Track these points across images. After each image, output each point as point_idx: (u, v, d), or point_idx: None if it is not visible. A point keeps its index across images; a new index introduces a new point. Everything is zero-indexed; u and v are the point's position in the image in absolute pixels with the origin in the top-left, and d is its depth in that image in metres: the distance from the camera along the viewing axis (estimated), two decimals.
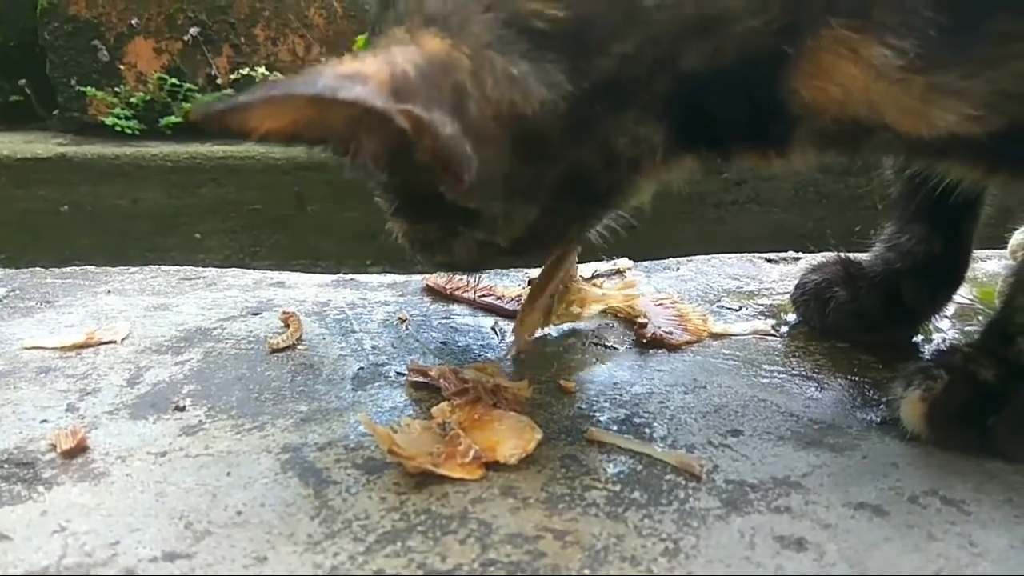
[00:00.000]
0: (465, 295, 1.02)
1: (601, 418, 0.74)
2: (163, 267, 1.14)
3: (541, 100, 0.59)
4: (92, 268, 1.13)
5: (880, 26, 0.56)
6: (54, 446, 0.68)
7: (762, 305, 1.03)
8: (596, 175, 0.66)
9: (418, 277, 1.09)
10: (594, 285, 0.97)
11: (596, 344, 0.90)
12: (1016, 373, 0.69)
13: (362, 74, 0.54)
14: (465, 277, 1.00)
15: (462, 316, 0.98)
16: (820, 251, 1.12)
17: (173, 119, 1.95)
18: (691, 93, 0.61)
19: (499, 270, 1.10)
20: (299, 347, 0.88)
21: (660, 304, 0.98)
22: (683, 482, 0.65)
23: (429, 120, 0.55)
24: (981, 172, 0.68)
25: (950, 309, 0.96)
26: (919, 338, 0.93)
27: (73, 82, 1.98)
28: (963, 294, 0.98)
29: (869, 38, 0.57)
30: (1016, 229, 1.12)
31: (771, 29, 0.58)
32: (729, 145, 0.67)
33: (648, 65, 0.60)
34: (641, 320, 0.92)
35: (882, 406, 0.77)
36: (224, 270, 1.14)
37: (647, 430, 0.73)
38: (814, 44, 0.58)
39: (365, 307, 1.00)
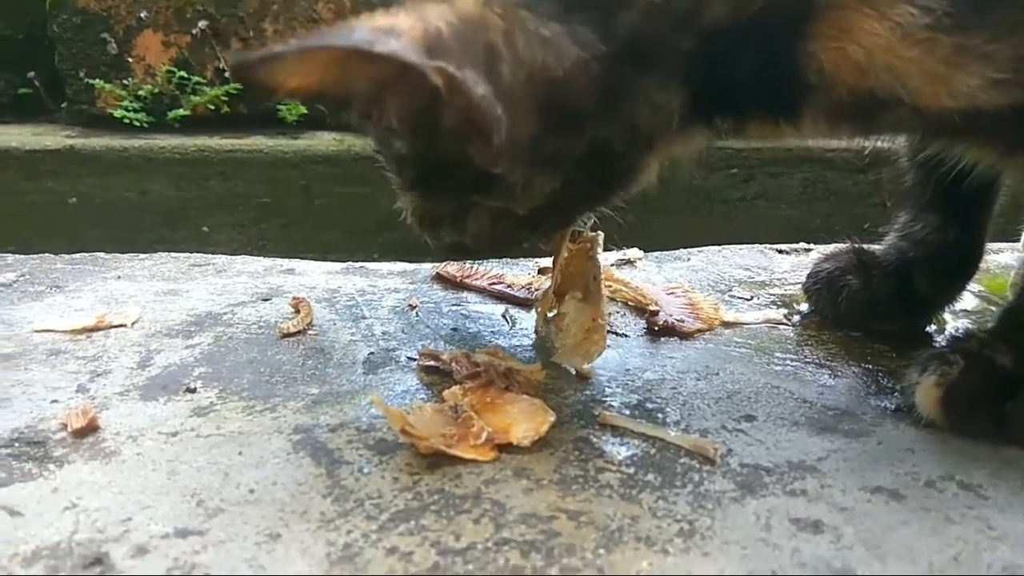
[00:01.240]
0: (476, 283, 1.01)
1: (614, 403, 0.74)
2: (173, 254, 1.14)
3: (573, 61, 0.59)
4: (102, 254, 1.13)
5: None
6: (65, 425, 0.68)
7: (774, 295, 1.02)
8: (617, 154, 0.65)
9: (428, 265, 1.09)
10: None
11: (607, 332, 0.90)
12: None
13: (396, 29, 0.54)
14: (475, 264, 1.00)
15: (473, 303, 0.98)
16: (833, 243, 1.12)
17: (181, 112, 1.95)
18: (713, 52, 0.60)
19: (509, 259, 1.10)
20: (310, 332, 0.88)
21: (671, 293, 0.97)
22: (697, 465, 0.64)
23: (462, 79, 0.54)
24: (997, 154, 0.68)
25: (964, 299, 0.95)
26: (932, 328, 0.92)
27: (82, 75, 1.98)
28: (975, 286, 0.98)
29: None
30: None
31: None
32: (743, 112, 0.66)
33: (673, 18, 0.60)
34: (653, 308, 0.92)
35: (897, 393, 0.76)
36: (234, 257, 1.13)
37: (660, 415, 0.72)
38: (837, 2, 0.57)
39: (375, 294, 1.00)
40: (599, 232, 0.85)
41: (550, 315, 0.86)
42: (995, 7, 0.56)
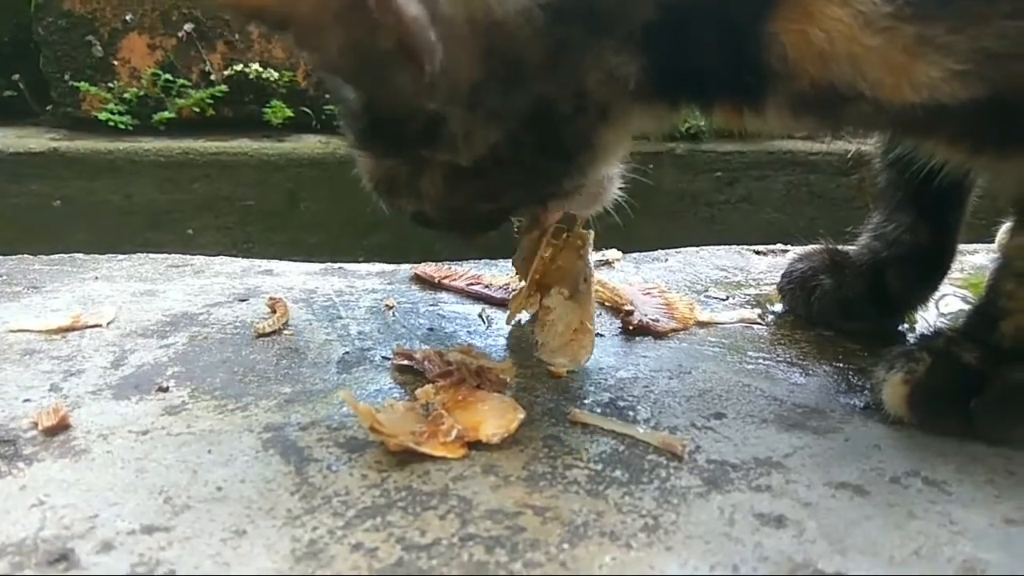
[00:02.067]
0: (453, 284, 1.02)
1: (585, 401, 0.74)
2: (151, 255, 1.15)
3: (516, 6, 0.59)
4: (80, 255, 1.13)
5: None
6: (36, 424, 0.68)
7: (749, 295, 1.03)
8: (564, 117, 0.65)
9: (406, 266, 1.09)
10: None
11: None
12: (998, 357, 0.69)
13: None
14: (453, 265, 1.00)
15: (449, 304, 0.98)
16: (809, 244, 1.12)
17: (167, 115, 1.95)
18: (674, 24, 0.60)
19: (488, 259, 1.10)
20: (285, 332, 0.88)
21: (647, 293, 0.98)
22: (665, 462, 0.65)
23: None
24: (966, 153, 0.68)
25: (936, 298, 0.96)
26: (905, 326, 0.93)
27: (67, 77, 1.98)
28: (949, 285, 0.99)
29: None
30: (1005, 223, 1.13)
31: None
32: (708, 95, 0.66)
33: None
34: (628, 308, 0.92)
35: (866, 391, 0.77)
36: (212, 258, 1.14)
37: (631, 413, 0.73)
38: None
39: (352, 294, 1.00)
40: (590, 230, 0.85)
41: (529, 311, 0.87)
42: (963, 2, 0.56)
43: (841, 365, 0.83)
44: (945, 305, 0.97)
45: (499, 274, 1.05)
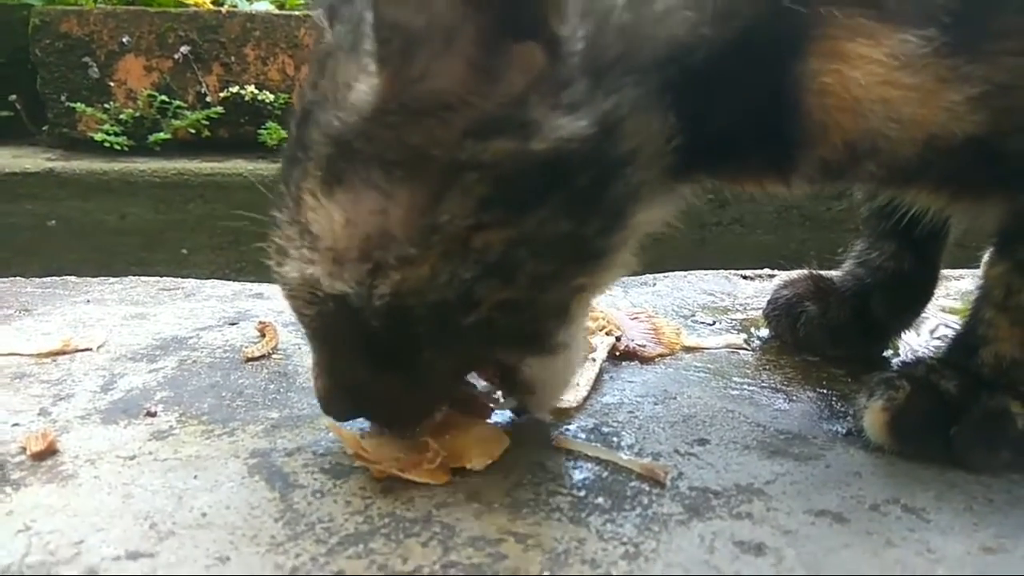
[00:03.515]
0: None
1: (570, 427, 0.75)
2: (143, 278, 1.15)
3: None
4: (72, 278, 1.13)
5: (896, 13, 0.59)
6: (24, 448, 0.68)
7: (735, 320, 1.04)
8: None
9: None
10: None
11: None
12: (977, 385, 0.70)
13: None
14: None
15: None
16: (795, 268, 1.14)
17: (162, 136, 1.97)
18: (700, 77, 0.60)
19: None
20: (274, 356, 0.89)
21: (635, 318, 0.98)
22: (647, 489, 0.65)
23: None
24: (945, 200, 0.71)
25: (921, 324, 0.97)
26: (889, 352, 0.94)
27: (63, 98, 2.00)
28: (935, 310, 1.00)
29: (887, 25, 0.59)
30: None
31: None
32: (732, 158, 0.66)
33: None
34: (615, 333, 0.93)
35: (849, 417, 0.77)
36: (203, 281, 1.15)
37: (615, 439, 0.73)
38: (827, 31, 0.59)
39: None
40: None
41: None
42: (979, 39, 0.59)
43: (825, 391, 0.84)
44: (930, 331, 0.98)
45: None
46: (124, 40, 2.00)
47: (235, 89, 2.03)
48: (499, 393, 0.75)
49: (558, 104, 0.56)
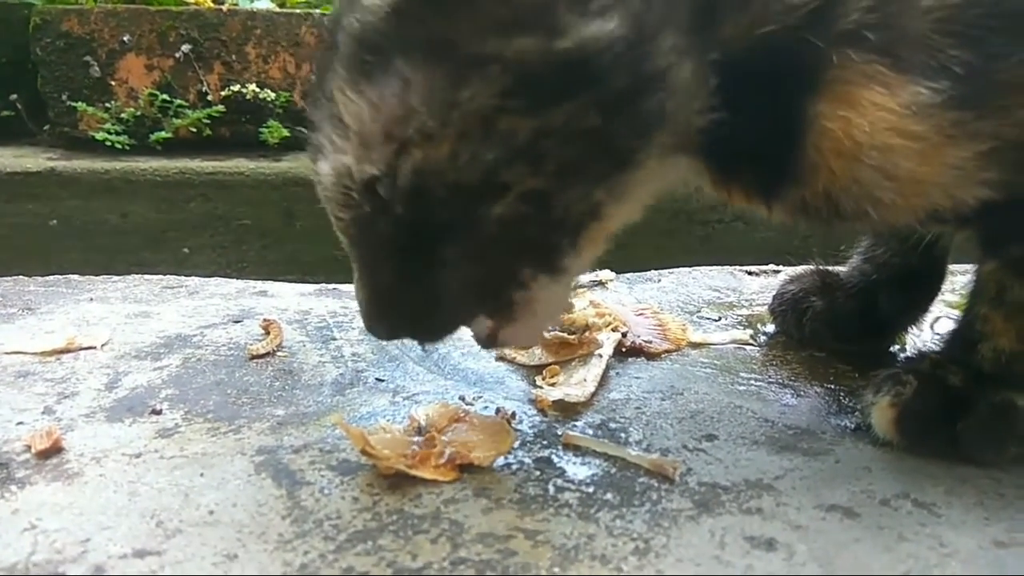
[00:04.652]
0: None
1: (577, 423, 0.75)
2: (146, 276, 1.15)
3: None
4: (75, 276, 1.13)
5: (911, 64, 0.58)
6: (29, 447, 0.68)
7: (741, 316, 1.03)
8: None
9: None
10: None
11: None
12: (980, 379, 0.70)
13: None
14: None
15: None
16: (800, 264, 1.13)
17: (163, 135, 1.97)
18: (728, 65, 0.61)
19: None
20: (279, 354, 0.89)
21: (641, 314, 0.98)
22: (656, 484, 0.65)
23: None
24: (951, 227, 0.72)
25: (929, 319, 0.96)
26: (896, 348, 0.94)
27: (64, 97, 1.99)
28: (942, 306, 0.99)
29: (902, 76, 0.58)
30: None
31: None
32: (735, 163, 0.66)
33: None
34: (621, 329, 0.93)
35: (857, 412, 0.77)
36: (207, 279, 1.14)
37: (623, 435, 0.73)
38: (843, 75, 0.59)
39: (346, 315, 1.00)
40: None
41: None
42: (987, 93, 0.59)
43: (832, 386, 0.84)
44: (939, 326, 0.98)
45: None
46: (125, 39, 2.00)
47: (236, 88, 2.03)
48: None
49: (585, 10, 0.56)
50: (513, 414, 0.75)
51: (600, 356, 0.85)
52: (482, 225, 0.60)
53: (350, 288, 1.10)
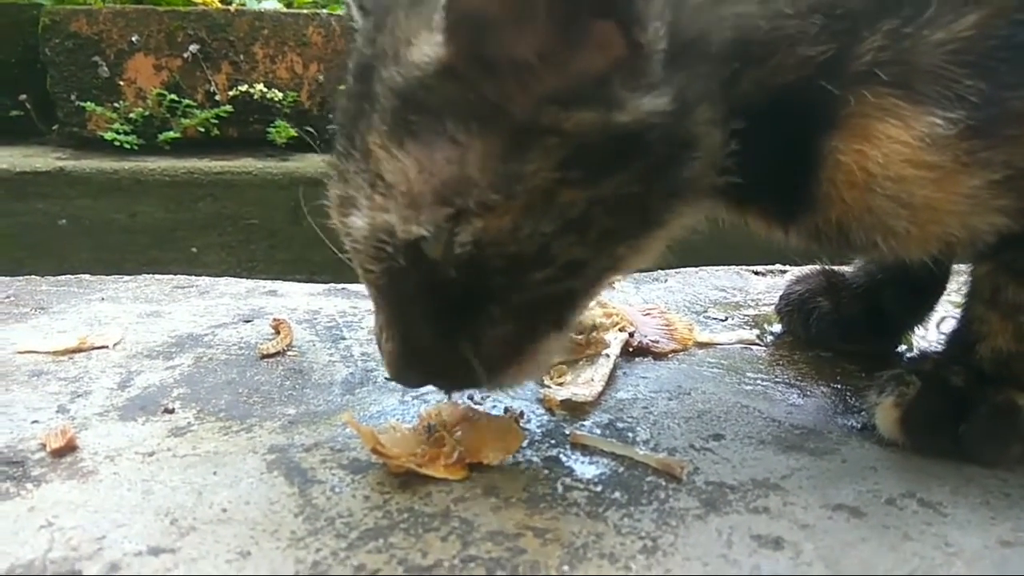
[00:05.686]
0: None
1: (585, 422, 0.75)
2: (157, 276, 1.16)
3: None
4: (87, 276, 1.14)
5: (926, 95, 0.59)
6: (44, 445, 0.69)
7: (748, 315, 1.04)
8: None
9: None
10: None
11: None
12: (982, 378, 0.70)
13: None
14: None
15: None
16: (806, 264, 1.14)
17: (172, 134, 1.98)
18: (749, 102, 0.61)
19: None
20: (289, 353, 0.90)
21: (647, 314, 0.99)
22: (664, 484, 0.66)
23: None
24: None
25: (935, 319, 0.97)
26: (902, 347, 0.94)
27: (73, 97, 2.01)
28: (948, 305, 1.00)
29: (917, 107, 0.59)
30: None
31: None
32: (751, 195, 0.67)
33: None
34: (628, 329, 0.93)
35: (863, 412, 0.78)
36: (217, 279, 1.15)
37: (630, 434, 0.73)
38: (858, 110, 0.60)
39: (356, 315, 1.01)
40: None
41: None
42: (1001, 123, 0.59)
43: (839, 386, 0.84)
44: (944, 326, 0.98)
45: None
46: (133, 39, 2.01)
47: (244, 88, 2.04)
48: None
49: (639, 85, 0.57)
50: (521, 413, 0.75)
51: (607, 356, 0.85)
52: (523, 290, 0.61)
53: (359, 288, 1.11)
